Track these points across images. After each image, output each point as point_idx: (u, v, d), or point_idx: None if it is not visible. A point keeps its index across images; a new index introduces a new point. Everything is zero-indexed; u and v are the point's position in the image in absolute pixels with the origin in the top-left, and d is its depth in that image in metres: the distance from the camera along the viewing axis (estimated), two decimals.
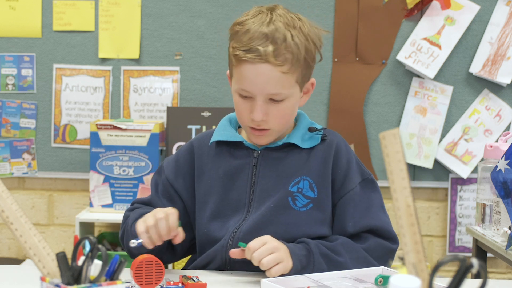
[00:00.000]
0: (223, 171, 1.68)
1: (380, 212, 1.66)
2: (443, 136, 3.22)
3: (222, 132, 1.71)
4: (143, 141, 2.98)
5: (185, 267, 1.74)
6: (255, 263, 1.49)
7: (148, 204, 1.73)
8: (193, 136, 3.08)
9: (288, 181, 1.64)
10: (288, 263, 1.50)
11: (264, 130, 1.62)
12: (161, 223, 1.53)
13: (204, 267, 1.66)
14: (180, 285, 1.47)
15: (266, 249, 1.49)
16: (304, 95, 1.68)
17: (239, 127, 1.75)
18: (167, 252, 1.68)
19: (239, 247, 1.54)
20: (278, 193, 1.63)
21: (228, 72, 1.70)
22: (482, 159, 2.53)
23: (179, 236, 1.57)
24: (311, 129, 1.68)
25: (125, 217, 1.72)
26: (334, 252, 1.58)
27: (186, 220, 1.70)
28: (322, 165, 1.65)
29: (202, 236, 1.68)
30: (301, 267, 1.53)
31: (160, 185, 1.73)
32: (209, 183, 1.68)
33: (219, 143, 1.70)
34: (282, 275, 1.49)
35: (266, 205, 1.63)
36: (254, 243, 1.50)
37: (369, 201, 1.66)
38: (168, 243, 1.67)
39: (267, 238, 1.51)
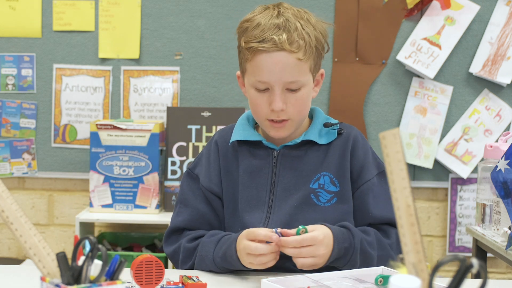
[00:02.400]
0: (243, 169, 1.69)
1: None
2: (443, 136, 3.22)
3: (241, 131, 1.72)
4: (143, 141, 2.98)
5: None
6: (291, 255, 1.51)
7: (195, 228, 1.71)
8: (193, 136, 3.09)
9: (309, 179, 1.67)
10: (319, 265, 1.53)
11: (284, 121, 1.64)
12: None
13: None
14: (180, 285, 1.47)
15: (310, 252, 1.50)
16: (315, 86, 1.70)
17: (256, 124, 1.76)
18: None
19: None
20: (300, 191, 1.65)
21: (238, 72, 1.72)
22: (482, 159, 2.53)
23: None
24: (326, 125, 1.71)
25: (189, 249, 1.67)
26: (370, 246, 1.61)
27: None
28: (341, 159, 1.68)
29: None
30: (334, 260, 1.56)
31: (199, 195, 1.71)
32: (233, 182, 1.70)
33: (239, 142, 1.72)
34: None
35: (289, 204, 1.65)
36: (305, 238, 1.50)
37: (387, 193, 1.67)
38: None
39: (319, 240, 1.50)
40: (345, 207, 1.66)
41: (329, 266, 1.57)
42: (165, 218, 2.97)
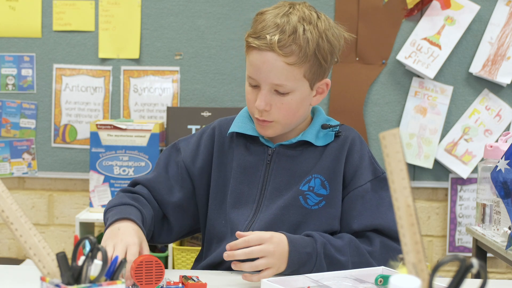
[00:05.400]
0: (236, 164, 1.67)
1: (390, 211, 1.62)
2: (443, 136, 3.22)
3: (240, 124, 1.70)
4: (143, 141, 2.98)
5: (194, 267, 1.74)
6: (241, 257, 1.46)
7: (149, 187, 1.69)
8: None
9: (300, 180, 1.64)
10: (279, 269, 1.49)
11: (267, 122, 1.62)
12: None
13: (216, 267, 1.66)
14: (180, 285, 1.46)
15: (259, 250, 1.46)
16: (318, 95, 1.67)
17: None
18: (162, 232, 1.69)
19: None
20: (290, 192, 1.63)
21: None
22: (482, 159, 2.53)
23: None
24: (324, 126, 1.68)
25: (114, 198, 1.67)
26: (338, 252, 1.56)
27: (192, 207, 1.70)
28: (335, 162, 1.64)
29: (210, 227, 1.69)
30: (299, 266, 1.51)
31: (173, 166, 1.71)
32: (226, 174, 1.68)
33: (237, 134, 1.70)
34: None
35: (277, 204, 1.62)
36: (252, 237, 1.47)
37: (380, 199, 1.64)
38: (164, 223, 1.69)
39: (267, 237, 1.48)
40: (332, 211, 1.63)
41: None
42: None
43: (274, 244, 1.48)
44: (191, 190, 1.70)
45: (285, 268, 1.50)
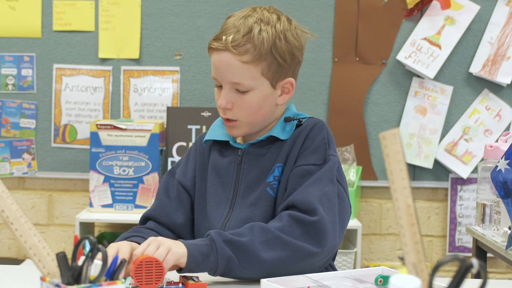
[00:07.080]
0: (211, 168, 1.73)
1: (313, 186, 1.58)
2: (443, 136, 3.22)
3: (213, 132, 1.76)
4: (143, 141, 2.98)
5: None
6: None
7: (153, 216, 1.73)
8: (193, 136, 3.09)
9: (267, 174, 1.66)
10: (178, 249, 1.45)
11: (233, 121, 1.67)
12: None
13: None
14: (180, 285, 1.47)
15: (153, 247, 1.44)
16: (284, 94, 1.69)
17: None
18: None
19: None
20: (260, 187, 1.65)
21: None
22: (482, 159, 2.53)
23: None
24: (286, 119, 1.69)
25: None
26: (237, 235, 1.52)
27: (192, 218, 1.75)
28: (291, 146, 1.64)
29: (196, 231, 1.74)
30: (201, 256, 1.48)
31: (172, 189, 1.76)
32: (205, 179, 1.73)
33: (214, 142, 1.76)
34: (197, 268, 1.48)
35: (249, 200, 1.66)
36: (139, 249, 1.46)
37: (313, 179, 1.60)
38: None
39: (150, 239, 1.47)
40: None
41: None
42: None
43: (158, 239, 1.47)
44: (190, 202, 1.76)
45: (186, 251, 1.46)
